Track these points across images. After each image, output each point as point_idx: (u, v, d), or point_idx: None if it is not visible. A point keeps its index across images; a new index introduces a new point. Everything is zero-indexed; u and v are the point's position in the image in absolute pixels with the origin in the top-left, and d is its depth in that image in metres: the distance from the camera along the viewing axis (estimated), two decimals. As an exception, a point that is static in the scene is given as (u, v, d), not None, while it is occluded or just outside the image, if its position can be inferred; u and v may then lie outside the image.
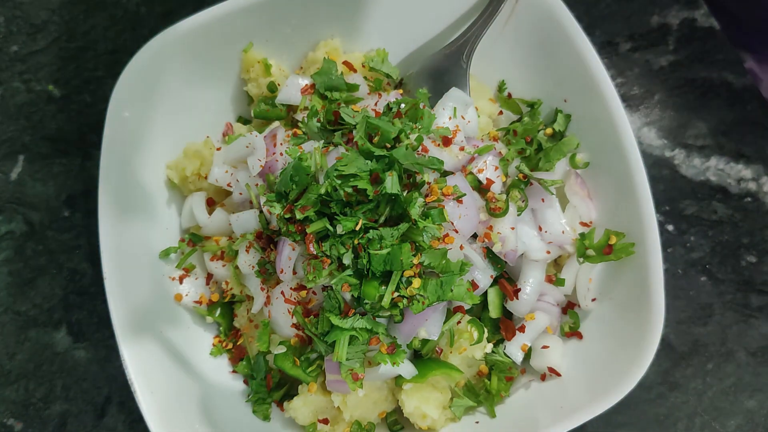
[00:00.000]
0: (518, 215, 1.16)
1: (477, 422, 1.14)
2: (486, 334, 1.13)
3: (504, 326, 1.18)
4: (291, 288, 1.13)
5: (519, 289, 1.16)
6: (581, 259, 1.19)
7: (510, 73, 1.29)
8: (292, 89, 1.25)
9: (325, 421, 1.14)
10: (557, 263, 1.24)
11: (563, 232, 1.19)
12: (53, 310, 1.36)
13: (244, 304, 1.24)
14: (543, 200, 1.19)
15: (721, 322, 1.31)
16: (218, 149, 1.26)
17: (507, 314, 1.20)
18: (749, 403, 1.28)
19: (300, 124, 1.23)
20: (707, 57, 1.42)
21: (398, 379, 1.12)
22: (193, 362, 1.20)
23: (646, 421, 1.28)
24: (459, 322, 1.11)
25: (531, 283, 1.16)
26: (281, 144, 1.19)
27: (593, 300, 1.18)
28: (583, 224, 1.20)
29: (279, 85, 1.27)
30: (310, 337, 1.13)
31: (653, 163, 1.37)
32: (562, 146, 1.22)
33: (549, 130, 1.24)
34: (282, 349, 1.14)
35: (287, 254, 1.12)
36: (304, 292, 1.13)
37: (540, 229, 1.19)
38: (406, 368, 1.08)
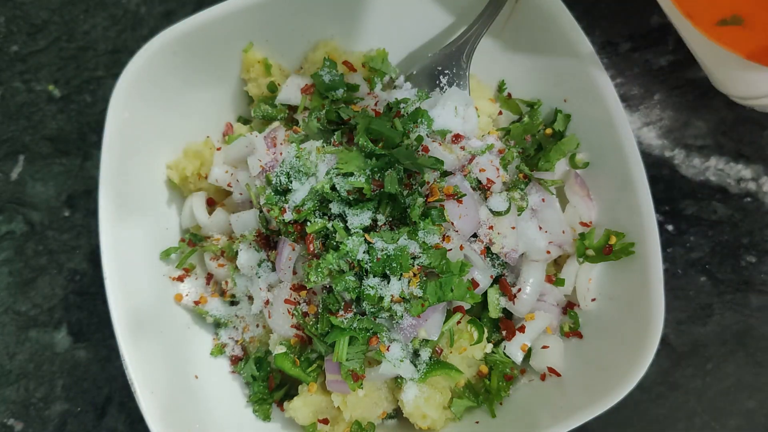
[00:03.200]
0: (518, 215, 1.16)
1: (477, 422, 1.14)
2: (486, 334, 1.13)
3: (504, 326, 1.18)
4: (291, 288, 1.13)
5: (520, 289, 1.16)
6: (581, 259, 1.19)
7: (510, 73, 1.29)
8: (292, 89, 1.25)
9: (325, 421, 1.14)
10: (557, 263, 1.24)
11: (563, 232, 1.19)
12: (53, 310, 1.36)
13: (244, 304, 1.24)
14: (543, 200, 1.19)
15: (721, 322, 1.31)
16: (218, 149, 1.26)
17: (507, 314, 1.20)
18: (749, 403, 1.28)
19: (300, 124, 1.23)
20: (707, 57, 1.42)
21: (398, 379, 1.12)
22: (193, 362, 1.20)
23: (646, 421, 1.27)
24: (459, 322, 1.11)
25: (531, 283, 1.16)
26: (281, 144, 1.19)
27: (593, 300, 1.18)
28: (583, 224, 1.20)
29: (279, 85, 1.27)
30: (310, 336, 1.13)
31: (653, 163, 1.37)
32: (561, 146, 1.22)
33: (549, 130, 1.24)
34: (282, 349, 1.14)
35: (287, 254, 1.12)
36: (304, 292, 1.13)
37: (540, 228, 1.19)
38: (406, 368, 1.09)
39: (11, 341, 1.35)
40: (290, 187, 1.10)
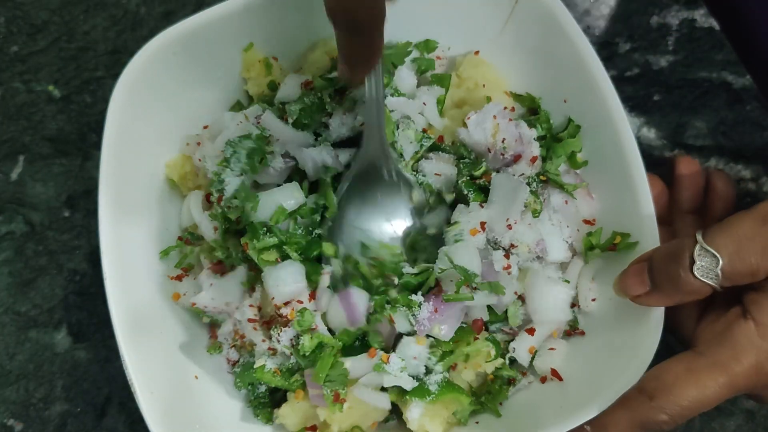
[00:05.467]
0: (535, 217, 1.15)
1: (477, 422, 1.14)
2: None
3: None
4: (250, 306, 1.13)
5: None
6: (585, 259, 1.17)
7: (509, 73, 1.29)
8: (291, 87, 1.24)
9: (313, 428, 1.12)
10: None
11: (578, 230, 1.17)
12: (53, 310, 1.36)
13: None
14: (567, 202, 1.17)
15: (721, 322, 1.30)
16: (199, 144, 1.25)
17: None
18: (749, 403, 1.27)
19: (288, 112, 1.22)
20: (707, 57, 1.42)
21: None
22: (193, 362, 1.20)
23: (646, 421, 1.27)
24: (476, 338, 1.10)
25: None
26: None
27: (593, 300, 1.18)
28: (586, 222, 1.19)
29: (279, 84, 1.27)
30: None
31: (653, 163, 1.37)
32: (566, 146, 1.20)
33: (562, 134, 1.22)
34: (262, 361, 1.12)
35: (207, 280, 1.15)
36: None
37: (557, 229, 1.17)
38: (406, 380, 1.06)
39: (11, 341, 1.35)
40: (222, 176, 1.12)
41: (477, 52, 1.28)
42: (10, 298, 1.37)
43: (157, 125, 1.23)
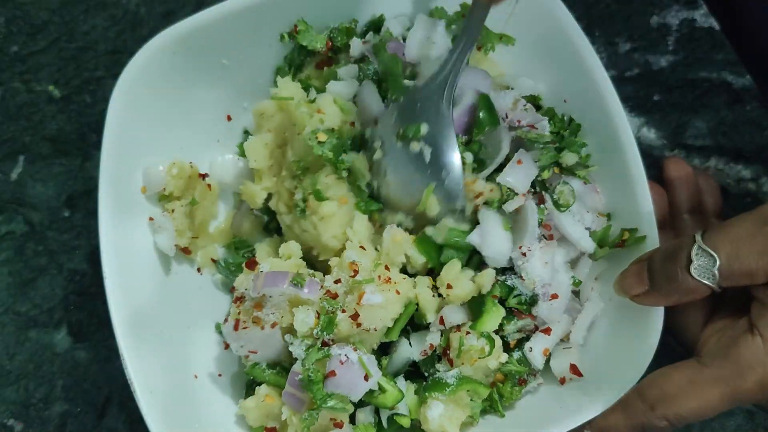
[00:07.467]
0: (562, 212, 1.13)
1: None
2: (499, 345, 1.10)
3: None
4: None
5: (556, 295, 1.11)
6: (593, 257, 1.17)
7: (509, 74, 1.29)
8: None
9: (273, 430, 1.11)
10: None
11: (598, 216, 1.16)
12: (53, 310, 1.36)
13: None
14: (585, 183, 1.16)
15: (721, 322, 1.30)
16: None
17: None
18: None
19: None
20: (707, 57, 1.42)
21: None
22: (193, 362, 1.20)
23: (646, 421, 1.27)
24: (468, 333, 1.08)
25: (562, 291, 1.12)
26: None
27: (594, 299, 1.17)
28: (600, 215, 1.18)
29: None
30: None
31: (653, 163, 1.37)
32: (568, 144, 1.20)
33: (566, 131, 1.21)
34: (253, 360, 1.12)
35: None
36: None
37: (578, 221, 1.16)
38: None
39: (11, 341, 1.35)
40: None
41: (480, 47, 1.28)
42: (10, 298, 1.37)
43: (157, 125, 1.23)
